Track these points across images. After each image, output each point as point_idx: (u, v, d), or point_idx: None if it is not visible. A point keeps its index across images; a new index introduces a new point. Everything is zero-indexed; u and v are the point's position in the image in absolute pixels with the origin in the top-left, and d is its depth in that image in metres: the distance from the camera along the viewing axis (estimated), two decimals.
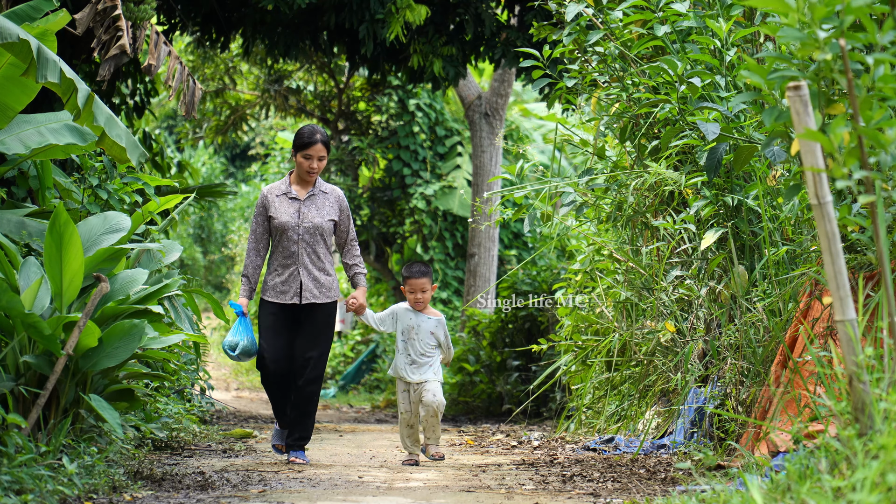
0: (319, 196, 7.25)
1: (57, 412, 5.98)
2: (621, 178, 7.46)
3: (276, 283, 7.18)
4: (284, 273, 7.15)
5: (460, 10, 11.20)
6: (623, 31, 7.11)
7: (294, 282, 7.15)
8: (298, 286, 7.15)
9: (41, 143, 6.99)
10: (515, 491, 5.96)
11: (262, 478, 6.43)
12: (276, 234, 7.19)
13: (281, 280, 7.16)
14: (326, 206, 7.23)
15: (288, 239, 7.15)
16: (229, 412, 11.87)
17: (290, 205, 7.20)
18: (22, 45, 5.97)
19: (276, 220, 7.17)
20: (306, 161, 7.14)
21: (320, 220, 7.18)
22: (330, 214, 7.22)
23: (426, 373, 7.25)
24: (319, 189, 7.27)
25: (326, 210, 7.22)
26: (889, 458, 3.72)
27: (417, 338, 7.26)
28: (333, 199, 7.29)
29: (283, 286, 7.16)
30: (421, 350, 7.27)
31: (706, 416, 6.93)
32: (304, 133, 7.17)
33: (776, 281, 6.35)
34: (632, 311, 7.85)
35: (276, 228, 7.18)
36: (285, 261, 7.16)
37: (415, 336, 7.27)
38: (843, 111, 4.65)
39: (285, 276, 7.15)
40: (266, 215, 7.22)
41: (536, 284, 12.63)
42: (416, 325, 7.27)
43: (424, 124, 18.09)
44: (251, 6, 11.26)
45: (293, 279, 7.15)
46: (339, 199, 7.31)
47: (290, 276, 7.14)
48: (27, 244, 6.83)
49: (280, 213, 7.18)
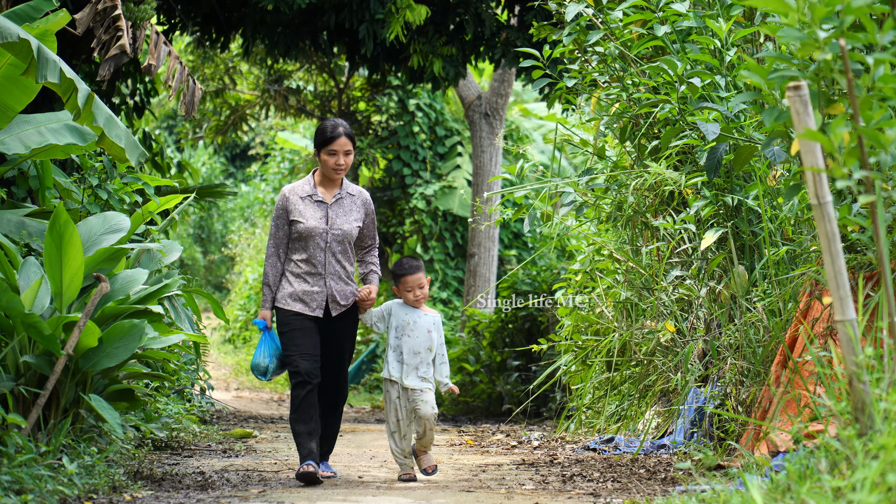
0: (347, 199, 6.63)
1: (57, 412, 5.98)
2: (621, 178, 7.46)
3: (297, 291, 6.49)
4: (310, 282, 6.49)
5: (460, 10, 11.20)
6: (623, 31, 7.11)
7: (321, 294, 6.50)
8: (325, 298, 6.51)
9: (41, 143, 6.99)
10: (515, 491, 5.96)
11: (262, 478, 6.43)
12: (299, 239, 6.52)
13: (304, 289, 6.49)
14: (354, 211, 6.63)
15: (314, 246, 6.51)
16: (229, 412, 11.87)
17: (316, 209, 6.54)
18: (22, 44, 5.97)
19: (301, 224, 6.50)
20: (331, 158, 6.51)
21: (349, 226, 6.57)
22: (357, 220, 6.62)
23: (419, 378, 6.50)
24: (346, 191, 6.65)
25: (354, 215, 6.62)
26: (889, 458, 3.72)
27: (413, 335, 6.49)
28: (360, 202, 6.68)
29: (308, 297, 6.49)
30: (415, 349, 6.49)
31: (706, 416, 6.93)
32: (325, 128, 6.57)
33: (776, 281, 6.35)
34: (632, 311, 7.85)
35: (300, 234, 6.50)
36: (311, 269, 6.50)
37: (409, 333, 6.51)
38: (843, 111, 4.65)
39: (311, 286, 6.49)
40: (287, 219, 6.55)
41: (536, 284, 12.63)
42: (411, 320, 6.54)
43: (424, 124, 18.10)
44: (251, 6, 11.26)
45: (320, 291, 6.50)
46: (365, 203, 6.70)
47: (318, 287, 6.50)
48: (27, 244, 6.83)
49: (306, 218, 6.51)
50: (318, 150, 6.56)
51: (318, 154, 6.57)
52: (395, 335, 6.55)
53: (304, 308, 6.46)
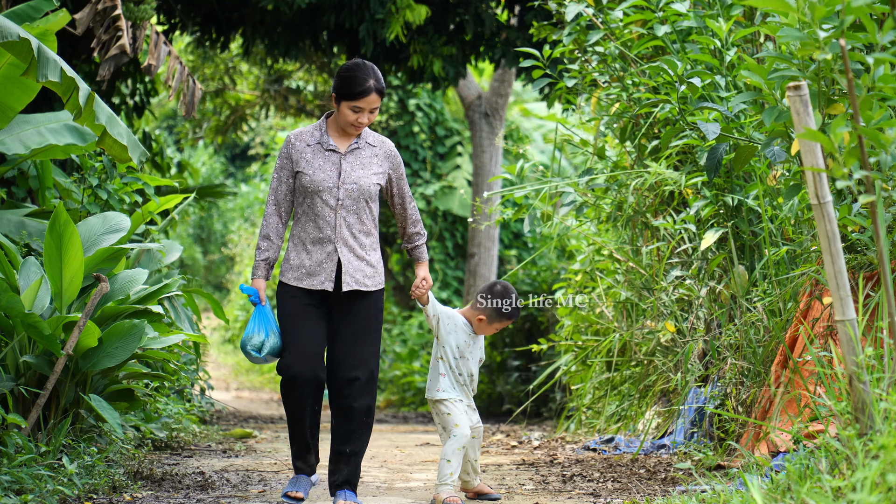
0: (366, 150, 5.38)
1: (57, 412, 5.98)
2: (621, 178, 7.47)
3: (302, 263, 5.29)
4: (316, 250, 5.28)
5: (460, 10, 11.20)
6: (623, 31, 7.11)
7: (330, 262, 5.27)
8: (335, 267, 5.27)
9: (41, 143, 6.99)
10: (515, 491, 5.96)
11: (262, 478, 6.43)
12: (304, 196, 5.32)
13: (311, 260, 5.28)
14: (374, 164, 5.38)
15: (323, 204, 5.28)
16: (229, 412, 11.87)
17: (325, 158, 5.33)
18: (22, 44, 5.97)
19: (306, 176, 5.30)
20: (354, 114, 5.26)
21: (366, 181, 5.31)
22: (379, 176, 5.37)
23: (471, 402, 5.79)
24: (366, 140, 5.40)
25: (374, 169, 5.36)
26: (889, 458, 3.72)
27: (472, 358, 5.73)
28: (383, 154, 5.42)
29: (314, 267, 5.27)
30: (472, 372, 5.73)
31: (706, 416, 6.93)
32: (355, 79, 5.25)
33: (776, 281, 6.35)
34: (632, 311, 7.86)
35: (305, 189, 5.30)
36: (318, 233, 5.28)
37: (469, 356, 5.71)
38: (843, 111, 4.65)
39: (318, 255, 5.28)
40: (292, 170, 5.34)
41: (536, 284, 12.63)
42: (471, 343, 5.74)
43: (424, 124, 18.10)
44: (251, 6, 11.26)
45: (329, 259, 5.27)
46: (389, 155, 5.43)
47: (326, 255, 5.27)
48: (27, 244, 6.83)
49: (313, 169, 5.31)
50: (340, 99, 5.28)
51: (339, 103, 5.30)
52: (455, 355, 5.71)
53: (308, 281, 5.27)
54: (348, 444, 5.29)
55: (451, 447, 5.54)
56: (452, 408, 5.61)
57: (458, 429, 5.56)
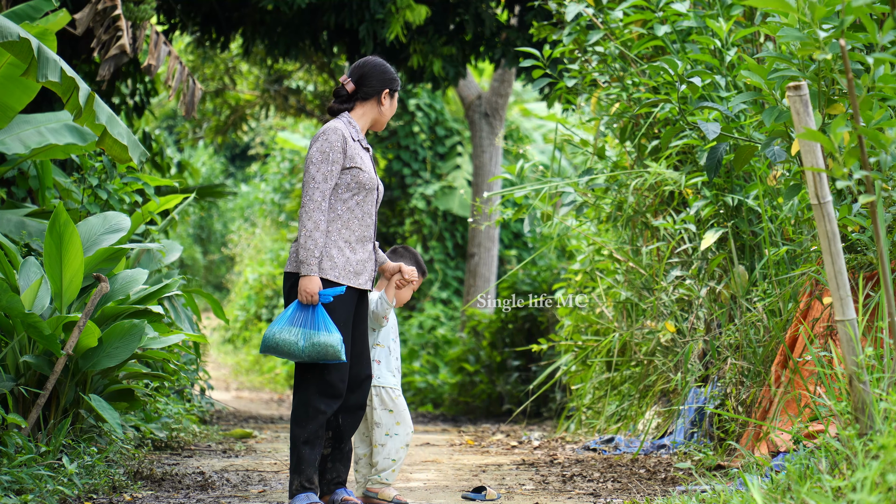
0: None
1: (57, 412, 5.98)
2: (621, 178, 7.47)
3: (348, 261, 5.07)
4: (360, 248, 5.13)
5: (460, 10, 11.20)
6: (623, 31, 7.12)
7: (371, 261, 5.19)
8: (375, 266, 5.24)
9: (41, 143, 6.99)
10: (515, 491, 5.96)
11: (262, 478, 6.43)
12: (353, 193, 5.10)
13: (356, 258, 5.10)
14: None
15: (373, 202, 5.17)
16: (229, 412, 11.86)
17: (366, 156, 5.19)
18: (22, 44, 5.97)
19: (364, 173, 5.10)
20: (395, 103, 5.25)
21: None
22: None
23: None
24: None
25: None
26: (889, 458, 3.72)
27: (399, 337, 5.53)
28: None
29: (359, 266, 5.11)
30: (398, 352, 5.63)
31: (706, 416, 6.93)
32: (391, 70, 5.23)
33: (776, 281, 6.35)
34: (632, 311, 7.86)
35: (361, 185, 5.10)
36: (364, 231, 5.13)
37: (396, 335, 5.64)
38: (843, 111, 4.65)
39: (362, 254, 5.13)
40: (343, 165, 5.07)
41: (536, 284, 12.63)
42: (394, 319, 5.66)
43: (424, 124, 18.10)
44: (251, 6, 11.26)
45: (370, 258, 5.18)
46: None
47: (368, 254, 5.16)
48: (27, 244, 6.83)
49: (366, 166, 5.12)
50: (381, 90, 5.17)
51: (379, 95, 5.17)
52: (393, 337, 5.57)
53: (356, 279, 5.10)
54: (350, 442, 5.30)
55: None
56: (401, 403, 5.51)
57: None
